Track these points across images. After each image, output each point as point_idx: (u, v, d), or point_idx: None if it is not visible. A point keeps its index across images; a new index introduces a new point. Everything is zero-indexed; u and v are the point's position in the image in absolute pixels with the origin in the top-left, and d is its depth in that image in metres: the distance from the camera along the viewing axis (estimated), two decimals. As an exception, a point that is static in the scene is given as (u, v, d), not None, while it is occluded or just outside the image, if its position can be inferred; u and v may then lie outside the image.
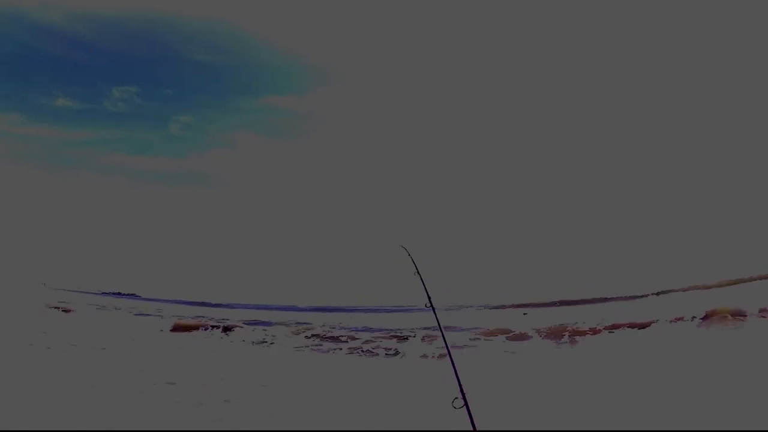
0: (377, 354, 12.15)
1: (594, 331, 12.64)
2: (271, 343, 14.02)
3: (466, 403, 2.62)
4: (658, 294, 19.17)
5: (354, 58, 45.40)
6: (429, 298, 3.16)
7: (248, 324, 17.59)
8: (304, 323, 18.29)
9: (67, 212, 43.10)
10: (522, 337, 12.79)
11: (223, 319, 19.46)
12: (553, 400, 6.64)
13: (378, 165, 46.92)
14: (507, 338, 12.79)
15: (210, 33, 41.75)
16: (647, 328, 11.99)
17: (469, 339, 12.64)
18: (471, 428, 2.52)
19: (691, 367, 8.08)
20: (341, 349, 12.99)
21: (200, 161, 43.44)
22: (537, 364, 9.99)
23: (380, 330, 15.64)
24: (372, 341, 13.45)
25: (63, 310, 20.32)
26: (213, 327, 16.76)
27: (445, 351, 2.88)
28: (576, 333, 12.59)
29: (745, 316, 11.39)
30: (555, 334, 12.76)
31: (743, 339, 9.94)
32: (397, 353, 12.01)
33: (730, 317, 11.53)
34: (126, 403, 6.42)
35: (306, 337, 14.79)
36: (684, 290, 18.67)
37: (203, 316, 21.27)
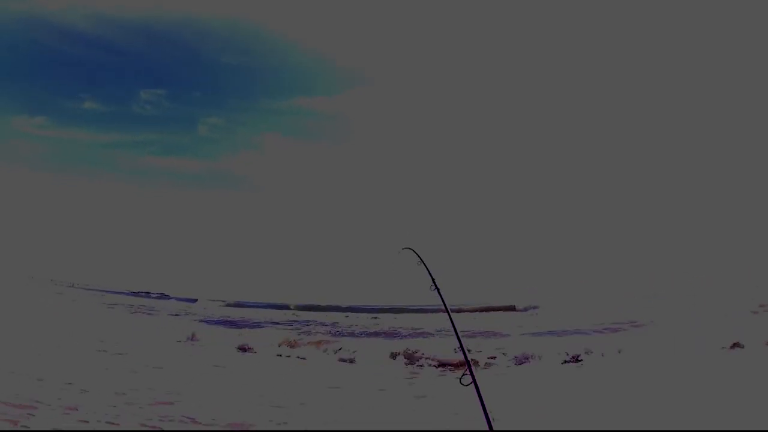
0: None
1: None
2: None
3: (474, 381, 2.62)
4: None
5: (382, 59, 46.11)
6: (433, 280, 3.35)
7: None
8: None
9: (96, 214, 44.58)
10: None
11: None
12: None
13: (407, 166, 47.36)
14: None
15: (237, 35, 42.67)
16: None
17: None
18: (480, 406, 2.52)
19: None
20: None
21: (230, 163, 44.51)
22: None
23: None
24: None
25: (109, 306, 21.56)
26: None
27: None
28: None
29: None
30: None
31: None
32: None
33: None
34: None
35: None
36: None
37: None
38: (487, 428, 2.48)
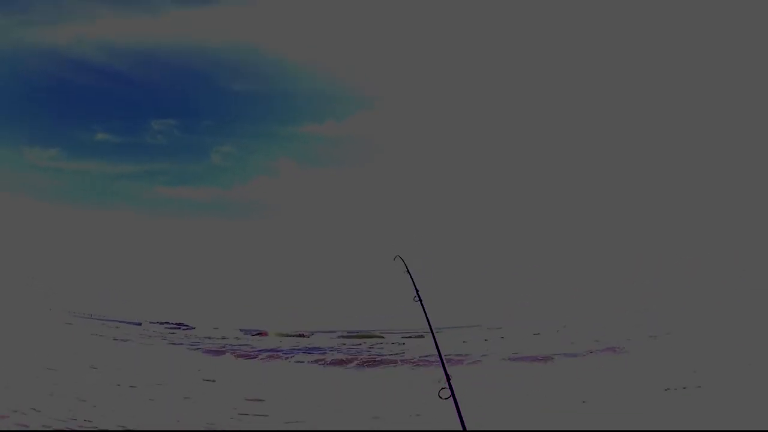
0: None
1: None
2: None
3: (453, 394, 2.64)
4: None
5: (389, 82, 46.17)
6: (417, 291, 3.25)
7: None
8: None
9: (109, 245, 44.69)
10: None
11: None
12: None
13: (420, 187, 46.94)
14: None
15: (244, 62, 43.09)
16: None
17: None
18: (458, 419, 2.57)
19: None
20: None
21: (243, 191, 44.56)
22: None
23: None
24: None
25: (120, 340, 21.24)
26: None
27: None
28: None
29: None
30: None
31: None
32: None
33: None
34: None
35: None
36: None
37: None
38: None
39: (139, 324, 34.32)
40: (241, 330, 32.63)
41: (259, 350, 19.37)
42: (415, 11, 42.76)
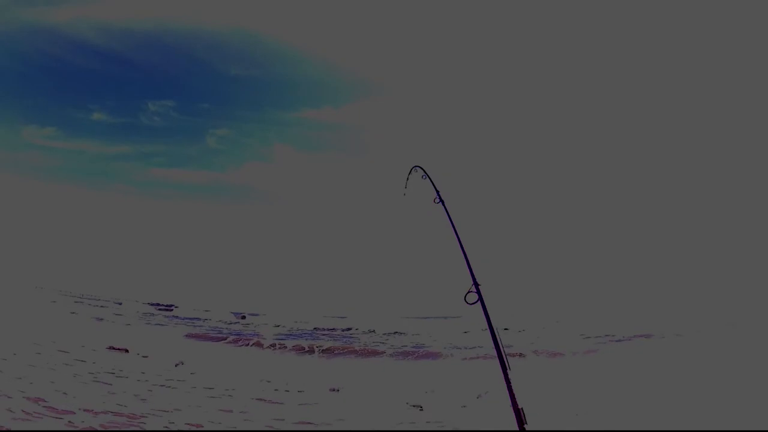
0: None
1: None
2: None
3: (480, 298, 2.48)
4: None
5: (389, 69, 44.84)
6: (438, 192, 2.98)
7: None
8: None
9: (104, 226, 43.92)
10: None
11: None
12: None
13: (415, 177, 45.55)
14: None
15: (245, 46, 41.99)
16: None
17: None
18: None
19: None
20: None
21: (238, 174, 43.46)
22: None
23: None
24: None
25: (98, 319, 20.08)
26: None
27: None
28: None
29: None
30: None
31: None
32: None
33: None
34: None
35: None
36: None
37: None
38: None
39: (120, 304, 33.53)
40: (232, 313, 31.73)
41: (245, 334, 18.05)
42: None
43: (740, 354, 9.75)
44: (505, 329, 18.46)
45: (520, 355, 11.68)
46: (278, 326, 23.71)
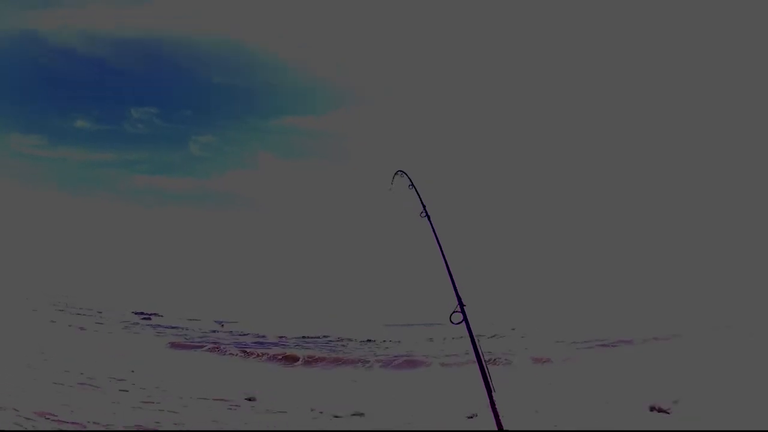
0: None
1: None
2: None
3: (465, 318, 2.46)
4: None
5: (370, 78, 45.07)
6: (424, 206, 3.01)
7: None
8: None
9: (88, 233, 43.16)
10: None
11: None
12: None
13: (398, 183, 45.67)
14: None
15: (227, 54, 41.91)
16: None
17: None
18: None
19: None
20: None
21: (222, 182, 43.13)
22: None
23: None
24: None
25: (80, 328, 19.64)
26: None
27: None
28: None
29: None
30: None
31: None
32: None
33: None
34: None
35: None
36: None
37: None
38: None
39: (100, 312, 32.99)
40: (216, 321, 31.37)
41: (228, 344, 17.79)
42: (400, 7, 41.53)
43: (735, 356, 9.83)
44: (492, 336, 18.53)
45: (506, 361, 11.70)
46: (261, 336, 23.46)
